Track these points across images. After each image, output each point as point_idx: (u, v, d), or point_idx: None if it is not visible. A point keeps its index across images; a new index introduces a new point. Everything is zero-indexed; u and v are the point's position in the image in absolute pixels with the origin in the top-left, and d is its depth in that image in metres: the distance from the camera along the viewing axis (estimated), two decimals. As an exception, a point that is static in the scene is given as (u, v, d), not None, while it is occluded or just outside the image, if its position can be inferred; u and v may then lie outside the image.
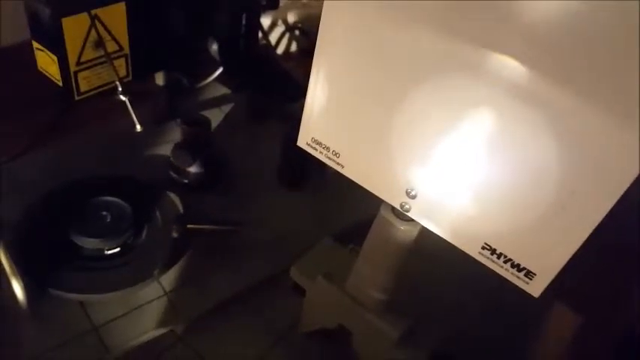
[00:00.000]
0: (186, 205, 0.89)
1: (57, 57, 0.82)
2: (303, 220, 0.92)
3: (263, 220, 0.91)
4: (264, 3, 0.98)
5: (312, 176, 0.97)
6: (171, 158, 0.91)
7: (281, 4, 1.08)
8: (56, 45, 0.81)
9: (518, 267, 0.49)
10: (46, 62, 0.86)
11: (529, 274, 0.48)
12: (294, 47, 1.37)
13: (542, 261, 0.47)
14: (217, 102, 1.10)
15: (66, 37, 0.80)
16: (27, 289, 0.71)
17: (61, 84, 0.86)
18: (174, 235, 0.83)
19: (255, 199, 0.95)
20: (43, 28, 0.80)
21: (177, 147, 0.91)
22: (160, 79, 1.05)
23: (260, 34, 1.07)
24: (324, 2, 0.49)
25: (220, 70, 1.07)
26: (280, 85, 1.04)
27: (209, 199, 0.92)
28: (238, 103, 1.10)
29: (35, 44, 0.86)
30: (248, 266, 0.83)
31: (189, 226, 0.84)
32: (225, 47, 1.00)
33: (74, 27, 0.80)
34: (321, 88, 0.55)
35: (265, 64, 1.06)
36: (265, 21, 1.19)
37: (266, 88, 1.03)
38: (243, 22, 0.97)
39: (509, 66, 0.41)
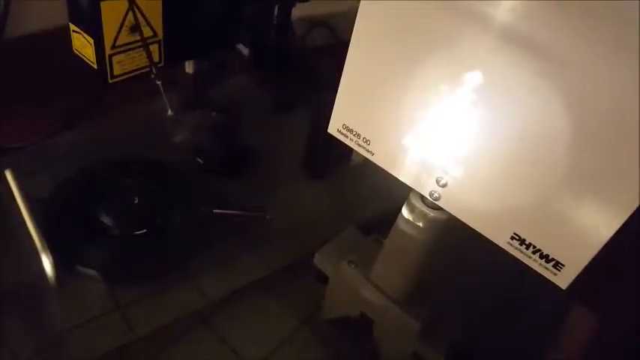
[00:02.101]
0: (213, 190, 0.90)
1: (93, 40, 0.83)
2: (326, 209, 0.93)
3: (287, 207, 0.92)
4: (296, -6, 0.99)
5: (336, 166, 0.98)
6: (199, 145, 0.92)
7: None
8: (94, 28, 0.82)
9: (546, 258, 0.49)
10: (82, 45, 0.87)
11: (557, 265, 0.48)
12: (319, 42, 1.37)
13: (571, 252, 0.47)
14: (245, 91, 1.11)
15: (104, 20, 0.81)
16: (55, 265, 0.73)
17: (95, 66, 0.88)
18: (200, 218, 0.84)
19: (280, 187, 0.96)
20: (82, 10, 0.81)
21: (206, 134, 0.93)
22: (189, 67, 1.06)
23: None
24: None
25: (249, 59, 1.07)
26: (306, 76, 1.05)
27: (235, 185, 0.94)
28: (265, 93, 1.11)
29: (72, 27, 0.87)
30: (272, 252, 0.85)
31: (215, 210, 0.85)
32: (256, 38, 1.01)
33: (112, 11, 0.81)
34: (355, 74, 0.56)
35: (293, 55, 1.07)
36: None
37: (293, 78, 1.04)
38: (275, 12, 0.98)
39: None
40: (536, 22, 0.42)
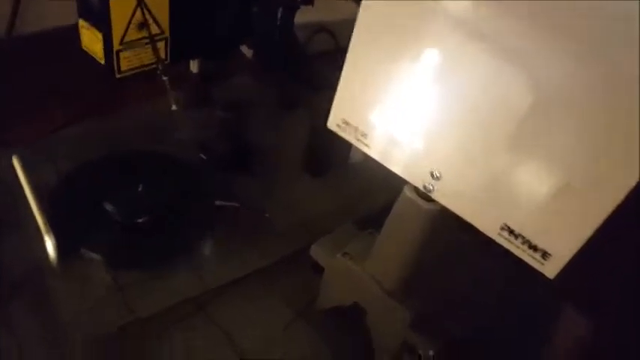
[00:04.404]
0: (215, 184, 0.93)
1: (102, 35, 0.86)
2: (325, 206, 0.96)
3: (287, 203, 0.95)
4: (299, -1, 1.02)
5: (335, 165, 1.00)
6: (203, 140, 0.95)
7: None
8: (103, 23, 0.84)
9: (535, 248, 0.51)
10: (91, 40, 0.89)
11: (545, 255, 0.50)
12: (321, 48, 1.40)
13: (558, 242, 0.49)
14: (248, 90, 1.14)
15: (112, 16, 0.83)
16: (59, 248, 0.75)
17: (103, 62, 0.90)
18: (202, 209, 0.87)
19: (281, 184, 0.98)
20: (92, 5, 0.83)
21: (209, 130, 0.95)
22: (194, 66, 1.09)
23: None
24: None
25: (252, 60, 1.10)
26: (308, 77, 1.08)
27: (237, 180, 0.96)
28: (268, 93, 1.14)
29: (81, 22, 0.89)
30: (271, 246, 0.87)
31: (216, 202, 0.87)
32: (260, 39, 1.04)
33: (121, 8, 0.84)
34: (353, 71, 0.58)
35: (295, 56, 1.10)
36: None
37: (295, 79, 1.07)
38: (279, 15, 1.01)
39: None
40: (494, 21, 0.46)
